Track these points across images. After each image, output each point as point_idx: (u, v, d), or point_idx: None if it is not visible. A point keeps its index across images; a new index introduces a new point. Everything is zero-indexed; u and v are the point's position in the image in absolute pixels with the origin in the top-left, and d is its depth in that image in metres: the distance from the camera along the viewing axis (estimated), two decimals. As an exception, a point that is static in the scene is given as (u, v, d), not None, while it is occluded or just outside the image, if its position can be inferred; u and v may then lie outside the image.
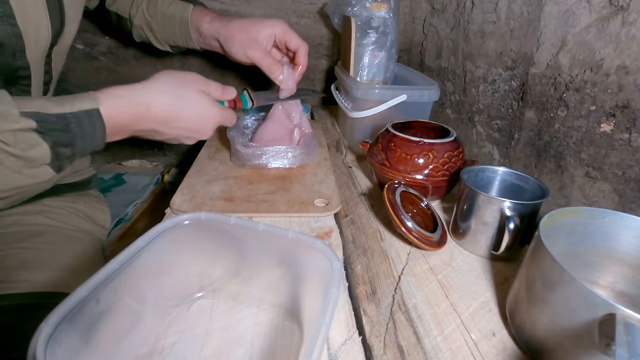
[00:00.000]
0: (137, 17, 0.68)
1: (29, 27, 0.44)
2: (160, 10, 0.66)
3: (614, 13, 0.45)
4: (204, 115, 0.49)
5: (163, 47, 0.72)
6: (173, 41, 0.70)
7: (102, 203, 0.72)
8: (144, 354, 0.32)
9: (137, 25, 0.69)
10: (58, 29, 0.49)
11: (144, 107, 0.43)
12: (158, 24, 0.68)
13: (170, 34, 0.68)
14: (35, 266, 0.52)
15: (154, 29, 0.69)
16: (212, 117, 0.50)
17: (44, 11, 0.46)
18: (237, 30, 0.60)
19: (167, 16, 0.66)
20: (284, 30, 0.61)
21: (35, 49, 0.47)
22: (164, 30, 0.69)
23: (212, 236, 0.36)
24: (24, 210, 0.58)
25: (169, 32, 0.68)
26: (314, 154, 0.66)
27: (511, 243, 0.42)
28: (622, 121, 0.45)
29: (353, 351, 0.34)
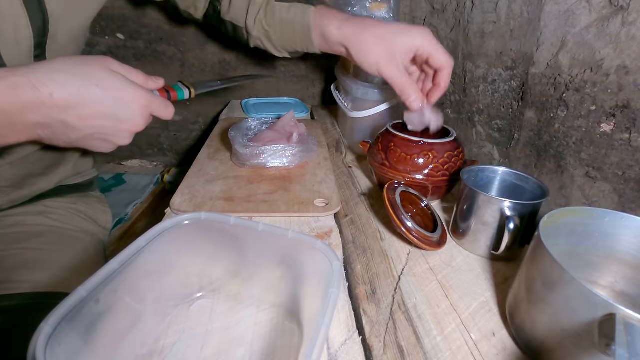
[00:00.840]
0: (256, 28, 0.63)
1: (4, 25, 0.43)
2: (279, 19, 0.61)
3: (614, 13, 0.45)
4: (123, 96, 0.39)
5: (281, 54, 0.67)
6: (292, 48, 0.64)
7: (104, 204, 0.72)
8: (144, 354, 0.32)
9: (255, 36, 0.64)
10: (40, 28, 0.47)
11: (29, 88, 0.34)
12: (276, 33, 0.63)
13: (289, 41, 0.63)
14: (37, 266, 0.52)
15: (272, 38, 0.64)
16: (135, 99, 0.40)
17: (21, 9, 0.44)
18: (371, 41, 0.52)
19: (286, 24, 0.60)
20: (428, 44, 0.51)
21: (15, 48, 0.45)
22: (282, 38, 0.63)
23: (212, 236, 0.36)
24: (26, 211, 0.58)
25: (288, 40, 0.63)
26: (312, 153, 0.66)
27: (511, 243, 0.42)
28: (622, 121, 0.45)
29: (353, 351, 0.34)
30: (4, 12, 0.43)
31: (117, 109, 0.39)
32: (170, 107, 0.44)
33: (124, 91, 0.39)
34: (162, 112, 0.43)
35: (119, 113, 0.39)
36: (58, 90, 0.35)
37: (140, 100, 0.40)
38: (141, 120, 0.41)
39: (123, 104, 0.39)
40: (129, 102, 0.39)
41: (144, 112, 0.41)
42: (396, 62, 0.52)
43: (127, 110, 0.39)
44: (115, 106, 0.38)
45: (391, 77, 0.52)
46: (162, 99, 0.44)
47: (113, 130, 0.40)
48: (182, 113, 1.11)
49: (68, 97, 0.36)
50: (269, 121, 0.73)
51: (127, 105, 0.39)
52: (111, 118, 0.39)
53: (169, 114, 0.44)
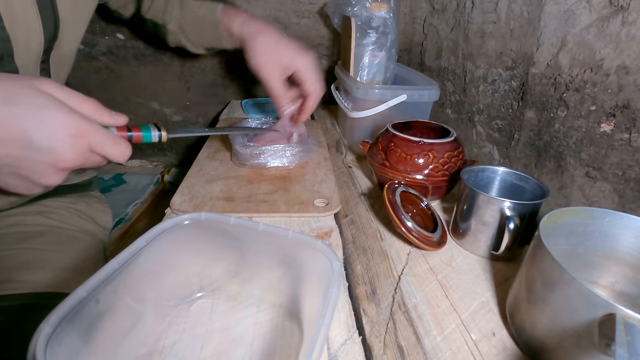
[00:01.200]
0: (172, 23, 0.68)
1: (18, 31, 0.43)
2: (191, 14, 0.66)
3: (614, 13, 0.45)
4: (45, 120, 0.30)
5: (197, 50, 0.71)
6: (207, 43, 0.69)
7: (103, 204, 0.72)
8: (144, 354, 0.32)
9: (171, 30, 0.69)
10: (51, 34, 0.48)
11: None
12: (190, 28, 0.67)
13: (203, 37, 0.68)
14: (37, 267, 0.52)
15: (188, 33, 0.68)
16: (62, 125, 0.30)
17: (35, 15, 0.44)
18: (262, 45, 0.58)
19: (198, 19, 0.65)
20: (303, 68, 0.58)
21: (25, 53, 0.46)
22: (197, 33, 0.68)
23: (212, 236, 0.36)
24: (26, 211, 0.58)
25: (202, 35, 0.67)
26: (312, 153, 0.66)
27: (511, 243, 0.42)
28: (622, 121, 0.45)
29: (353, 351, 0.34)
30: (18, 17, 0.43)
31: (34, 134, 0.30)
32: (122, 145, 0.35)
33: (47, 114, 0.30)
34: (109, 149, 0.34)
35: (35, 141, 0.30)
36: None
37: (69, 128, 0.31)
38: (70, 153, 0.31)
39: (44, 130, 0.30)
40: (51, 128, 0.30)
41: (75, 143, 0.31)
42: (276, 72, 0.57)
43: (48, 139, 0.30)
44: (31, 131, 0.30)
45: (269, 83, 0.57)
46: (109, 134, 0.34)
47: (28, 163, 0.31)
48: (182, 113, 1.12)
49: None
50: (269, 121, 0.73)
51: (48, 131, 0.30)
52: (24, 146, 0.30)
53: (120, 154, 0.35)
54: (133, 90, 1.06)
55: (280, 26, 1.02)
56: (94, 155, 0.34)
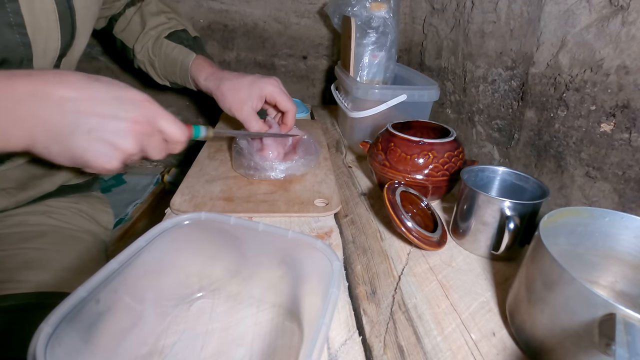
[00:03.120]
0: (142, 53, 0.71)
1: (38, 37, 0.45)
2: (164, 52, 0.69)
3: (614, 13, 0.45)
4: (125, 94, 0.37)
5: (163, 82, 0.74)
6: (172, 80, 0.72)
7: (105, 204, 0.72)
8: (144, 354, 0.32)
9: (139, 59, 0.72)
10: (68, 41, 0.49)
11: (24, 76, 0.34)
12: (160, 63, 0.71)
13: (170, 74, 0.71)
14: (39, 266, 0.52)
15: (156, 67, 0.71)
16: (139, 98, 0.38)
17: (55, 23, 0.46)
18: (228, 92, 0.62)
19: (169, 58, 0.69)
20: (273, 93, 0.62)
21: (42, 59, 0.47)
22: (165, 69, 0.71)
23: (212, 236, 0.36)
24: (28, 211, 0.58)
25: (169, 72, 0.71)
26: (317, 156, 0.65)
27: (511, 243, 0.42)
28: (622, 121, 0.45)
29: (353, 351, 0.34)
30: (40, 24, 0.44)
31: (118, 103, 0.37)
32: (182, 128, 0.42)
33: (127, 90, 0.38)
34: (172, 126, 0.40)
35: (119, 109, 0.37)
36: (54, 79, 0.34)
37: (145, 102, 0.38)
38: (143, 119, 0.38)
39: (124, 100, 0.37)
40: (130, 98, 0.38)
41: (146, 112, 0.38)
42: (247, 108, 0.61)
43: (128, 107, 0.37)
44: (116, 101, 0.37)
45: (243, 120, 0.62)
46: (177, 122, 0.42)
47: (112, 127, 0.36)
48: (182, 113, 1.12)
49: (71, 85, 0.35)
50: None
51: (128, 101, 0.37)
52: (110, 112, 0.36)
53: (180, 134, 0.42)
54: None
55: (280, 26, 1.02)
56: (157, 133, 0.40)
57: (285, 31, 1.03)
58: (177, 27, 0.71)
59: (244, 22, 1.01)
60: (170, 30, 0.70)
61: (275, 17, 1.01)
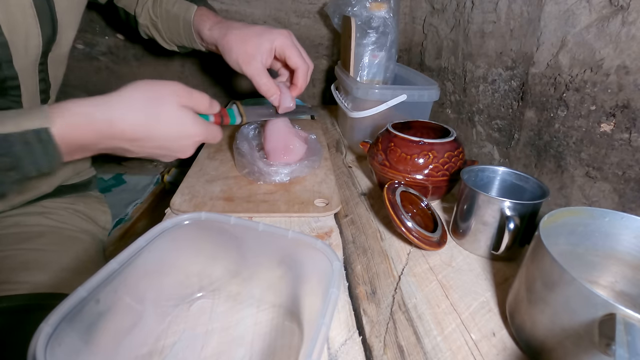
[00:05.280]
0: (143, 15, 0.67)
1: (16, 36, 0.43)
2: (164, 9, 0.64)
3: (614, 13, 0.45)
4: (184, 134, 0.43)
5: (170, 46, 0.70)
6: (179, 41, 0.68)
7: (103, 204, 0.72)
8: (144, 354, 0.32)
9: (142, 24, 0.68)
10: (50, 36, 0.48)
11: (106, 124, 0.38)
12: (163, 24, 0.66)
13: (175, 35, 0.67)
14: (37, 267, 0.52)
15: (160, 29, 0.67)
16: (193, 136, 0.43)
17: (33, 19, 0.44)
18: (235, 42, 0.56)
19: (171, 16, 0.64)
20: (284, 45, 0.55)
21: (24, 57, 0.46)
22: (169, 30, 0.67)
23: (212, 236, 0.36)
24: (25, 212, 0.58)
25: (173, 33, 0.66)
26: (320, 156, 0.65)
27: (511, 243, 0.42)
28: (622, 121, 0.45)
29: (353, 351, 0.34)
30: (17, 21, 0.43)
31: (177, 144, 0.43)
32: (219, 135, 0.47)
33: (186, 129, 0.43)
34: (211, 140, 0.47)
35: (177, 146, 0.44)
36: (129, 129, 0.39)
37: (196, 137, 0.44)
38: (191, 150, 0.45)
39: (181, 140, 0.43)
40: (188, 138, 0.43)
41: (196, 144, 0.45)
42: (256, 62, 0.55)
43: (182, 145, 0.44)
44: (176, 142, 0.43)
45: (251, 76, 0.55)
46: (214, 129, 0.46)
47: (162, 156, 0.45)
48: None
49: (136, 134, 0.40)
50: None
51: (184, 140, 0.44)
52: (168, 149, 0.44)
53: (217, 140, 0.47)
54: None
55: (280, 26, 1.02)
56: None
57: (285, 31, 1.03)
58: None
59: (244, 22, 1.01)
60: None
61: (276, 17, 1.00)
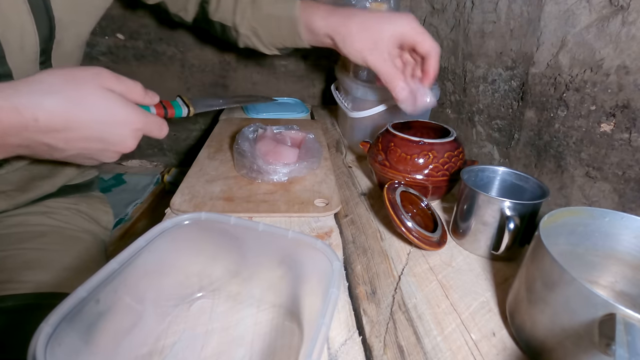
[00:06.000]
0: (244, 25, 0.64)
1: (10, 33, 0.43)
2: (265, 14, 0.61)
3: (614, 13, 0.45)
4: (115, 119, 0.37)
5: (271, 51, 0.67)
6: (281, 44, 0.65)
7: (105, 204, 0.72)
8: (144, 354, 0.32)
9: (243, 34, 0.65)
10: (46, 34, 0.47)
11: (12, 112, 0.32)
12: (264, 29, 0.63)
13: (277, 38, 0.63)
14: (39, 267, 0.52)
15: (260, 35, 0.64)
16: (128, 123, 0.38)
17: (28, 16, 0.43)
18: (356, 29, 0.52)
19: (273, 19, 0.61)
20: (412, 30, 0.51)
21: (20, 55, 0.45)
22: (270, 34, 0.64)
23: (212, 236, 0.36)
24: (28, 211, 0.58)
25: (275, 36, 0.63)
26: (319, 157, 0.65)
27: (511, 243, 0.42)
28: (622, 121, 0.45)
29: (353, 351, 0.34)
30: (10, 18, 0.42)
31: (107, 132, 0.37)
32: (164, 127, 0.43)
33: (115, 115, 0.37)
34: (156, 132, 0.42)
35: (108, 137, 0.38)
36: (44, 116, 0.33)
37: (133, 124, 0.38)
38: (131, 141, 0.40)
39: (113, 128, 0.38)
40: (120, 126, 0.38)
41: (136, 134, 0.40)
42: (381, 51, 0.51)
43: (117, 135, 0.38)
44: (105, 130, 0.37)
45: (376, 66, 0.51)
46: (156, 120, 0.42)
47: (100, 152, 0.39)
48: (182, 113, 1.11)
49: (54, 122, 0.34)
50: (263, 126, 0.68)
51: (117, 129, 0.38)
52: (99, 141, 0.38)
53: (163, 133, 0.43)
54: None
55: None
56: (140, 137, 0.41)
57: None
58: None
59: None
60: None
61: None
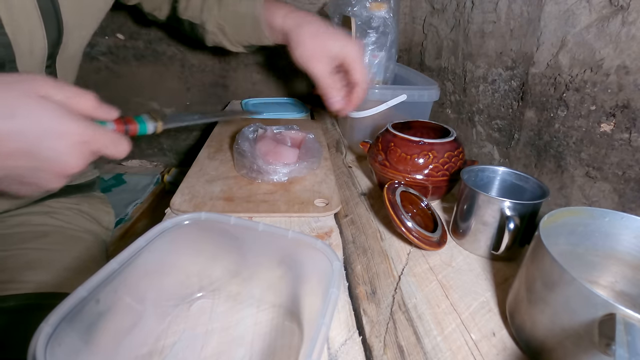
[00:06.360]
0: (211, 22, 0.66)
1: (20, 37, 0.43)
2: (232, 11, 0.64)
3: (614, 13, 0.45)
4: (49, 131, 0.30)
5: (236, 48, 0.70)
6: (246, 41, 0.67)
7: (106, 204, 0.73)
8: (144, 354, 0.32)
9: (210, 31, 0.67)
10: (55, 39, 0.47)
11: None
12: (230, 26, 0.66)
13: (242, 35, 0.66)
14: (40, 267, 0.52)
15: (227, 32, 0.66)
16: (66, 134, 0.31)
17: (38, 21, 0.44)
18: (308, 35, 0.55)
19: (239, 16, 0.63)
20: (354, 57, 0.54)
21: (29, 59, 0.45)
22: (236, 31, 0.66)
23: (212, 236, 0.36)
24: (30, 211, 0.58)
25: (241, 33, 0.66)
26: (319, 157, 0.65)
27: (511, 243, 0.42)
28: (622, 121, 0.45)
29: (353, 351, 0.34)
30: (20, 23, 0.42)
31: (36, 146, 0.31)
32: (122, 144, 0.36)
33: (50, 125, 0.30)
34: (111, 149, 0.35)
35: (38, 152, 0.31)
36: None
37: (72, 136, 0.31)
38: (75, 160, 0.32)
39: (45, 141, 0.31)
40: (53, 138, 0.31)
41: (79, 150, 0.32)
42: (325, 63, 0.54)
43: (50, 149, 0.31)
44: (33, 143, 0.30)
45: (319, 75, 0.54)
46: (111, 135, 0.35)
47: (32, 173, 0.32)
48: (182, 113, 1.11)
49: None
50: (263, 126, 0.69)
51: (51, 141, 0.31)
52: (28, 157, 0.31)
53: (120, 152, 0.36)
54: (133, 90, 1.06)
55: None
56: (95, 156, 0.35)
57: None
58: None
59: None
60: None
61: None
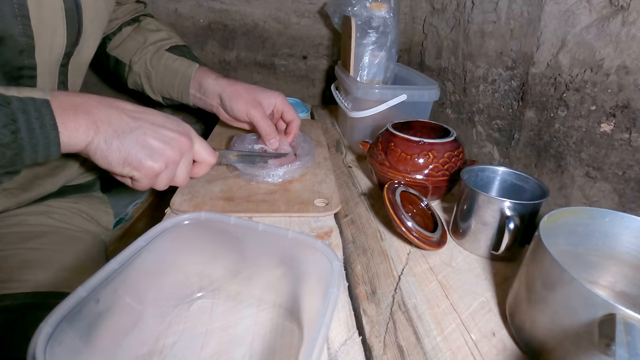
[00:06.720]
0: (138, 64, 0.69)
1: (43, 30, 0.45)
2: (163, 64, 0.68)
3: (614, 13, 0.45)
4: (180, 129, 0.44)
5: (155, 97, 0.73)
6: (168, 94, 0.71)
7: (105, 204, 0.73)
8: (144, 354, 0.32)
9: (135, 72, 0.70)
10: (74, 40, 0.50)
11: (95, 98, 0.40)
12: (157, 77, 0.69)
13: (167, 87, 0.70)
14: (39, 266, 0.52)
15: (152, 79, 0.70)
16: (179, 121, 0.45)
17: (62, 21, 0.47)
18: (242, 91, 0.64)
19: (169, 70, 0.68)
20: (283, 102, 0.67)
21: (48, 53, 0.47)
22: (161, 82, 0.70)
23: (212, 236, 0.36)
24: (29, 211, 0.59)
25: (166, 85, 0.70)
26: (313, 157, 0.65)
27: (511, 243, 0.42)
28: (622, 121, 0.45)
29: (353, 351, 0.34)
30: (45, 19, 0.45)
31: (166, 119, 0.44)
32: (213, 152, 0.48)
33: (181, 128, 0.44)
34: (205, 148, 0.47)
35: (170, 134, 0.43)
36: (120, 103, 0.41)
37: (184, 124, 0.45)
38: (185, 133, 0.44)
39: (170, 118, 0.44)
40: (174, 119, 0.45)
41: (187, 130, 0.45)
42: (262, 109, 0.64)
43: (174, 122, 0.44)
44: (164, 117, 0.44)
45: (258, 120, 0.62)
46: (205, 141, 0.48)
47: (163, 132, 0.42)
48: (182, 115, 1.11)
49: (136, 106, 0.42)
50: None
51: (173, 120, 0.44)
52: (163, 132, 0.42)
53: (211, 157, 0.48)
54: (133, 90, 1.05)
55: (280, 26, 1.02)
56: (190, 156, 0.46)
57: (285, 31, 1.03)
58: (179, 42, 0.71)
59: (244, 21, 1.01)
60: (172, 44, 0.70)
61: (275, 16, 1.01)
